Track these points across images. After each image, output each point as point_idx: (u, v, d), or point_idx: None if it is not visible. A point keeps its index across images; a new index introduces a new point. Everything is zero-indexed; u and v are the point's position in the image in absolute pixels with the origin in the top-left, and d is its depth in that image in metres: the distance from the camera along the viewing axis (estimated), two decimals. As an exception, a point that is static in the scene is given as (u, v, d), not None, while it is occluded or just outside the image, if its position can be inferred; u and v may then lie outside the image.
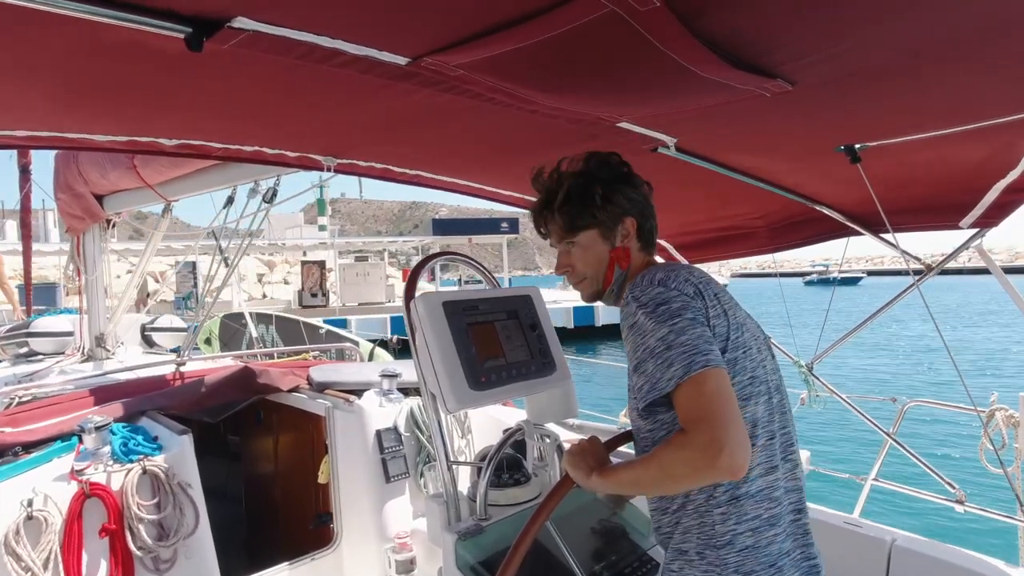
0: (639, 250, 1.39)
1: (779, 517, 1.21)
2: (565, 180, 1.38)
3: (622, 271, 1.38)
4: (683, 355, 1.10)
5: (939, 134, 1.68)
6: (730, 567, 1.17)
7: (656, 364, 1.12)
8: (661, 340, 1.13)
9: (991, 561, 1.80)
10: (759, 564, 1.17)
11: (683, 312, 1.16)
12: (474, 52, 1.20)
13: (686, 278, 1.24)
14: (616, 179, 1.37)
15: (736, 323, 1.24)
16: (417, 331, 1.65)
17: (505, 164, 2.31)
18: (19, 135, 1.80)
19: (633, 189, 1.37)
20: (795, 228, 2.73)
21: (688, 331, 1.13)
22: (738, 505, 1.18)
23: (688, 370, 1.09)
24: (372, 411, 2.71)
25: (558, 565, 1.59)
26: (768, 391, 1.26)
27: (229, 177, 3.56)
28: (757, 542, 1.18)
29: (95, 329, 4.57)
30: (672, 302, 1.17)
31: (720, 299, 1.25)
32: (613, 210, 1.35)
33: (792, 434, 1.32)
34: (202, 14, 1.07)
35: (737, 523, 1.18)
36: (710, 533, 1.19)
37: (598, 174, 1.37)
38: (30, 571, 1.86)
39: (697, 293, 1.21)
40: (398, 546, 2.46)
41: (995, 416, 2.84)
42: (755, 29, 1.17)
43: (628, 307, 1.22)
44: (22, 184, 9.89)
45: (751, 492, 1.19)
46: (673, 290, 1.19)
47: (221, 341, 9.46)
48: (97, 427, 2.15)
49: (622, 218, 1.35)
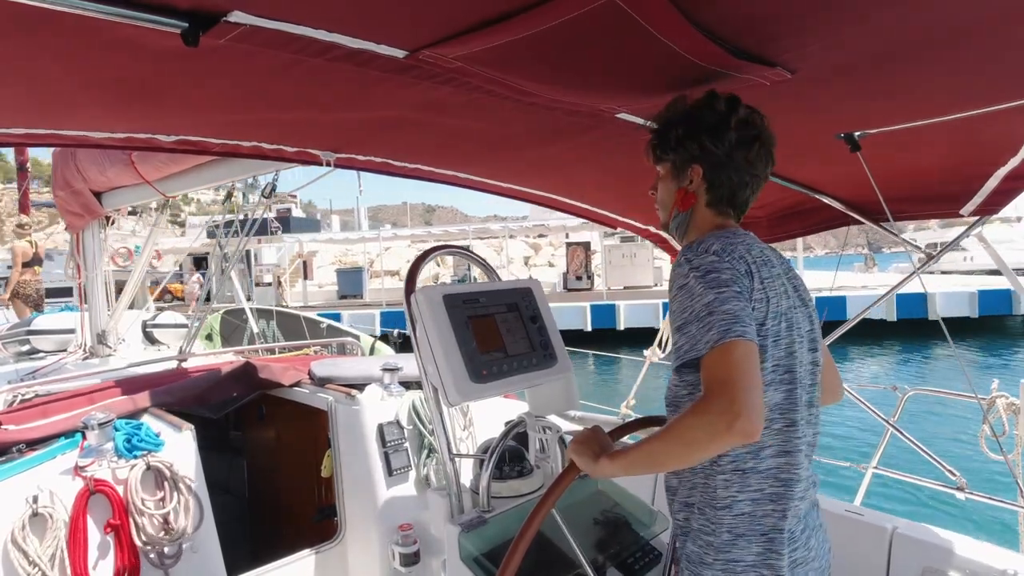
0: (707, 205, 1.37)
1: (782, 497, 1.25)
2: (665, 112, 1.41)
3: (681, 213, 1.39)
4: (722, 322, 1.13)
5: (939, 121, 1.68)
6: (723, 527, 1.25)
7: (699, 327, 1.16)
8: (706, 306, 1.16)
9: (992, 548, 1.81)
10: (750, 530, 1.24)
11: (731, 284, 1.18)
12: (472, 44, 1.20)
13: (741, 255, 1.24)
14: (700, 126, 1.34)
15: (776, 312, 1.25)
16: (418, 324, 1.65)
17: (504, 156, 2.30)
18: (16, 133, 1.79)
19: (716, 140, 1.33)
20: (795, 217, 2.73)
21: (731, 302, 1.16)
22: (743, 476, 1.24)
23: (723, 336, 1.12)
24: (374, 405, 2.71)
25: (562, 555, 1.60)
26: (791, 381, 1.27)
27: (228, 172, 3.55)
28: (754, 511, 1.24)
29: (97, 326, 4.58)
30: (722, 272, 1.19)
31: (768, 284, 1.25)
32: (683, 154, 1.37)
33: (815, 431, 1.35)
34: (198, 9, 1.06)
35: (739, 491, 1.24)
36: (712, 496, 1.26)
37: (692, 115, 1.36)
38: (37, 567, 1.87)
39: (748, 272, 1.23)
40: (402, 539, 2.47)
41: (996, 403, 2.84)
42: (755, 17, 1.17)
43: (680, 268, 1.24)
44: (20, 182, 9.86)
45: (759, 468, 1.24)
46: (726, 262, 1.21)
47: (222, 337, 9.48)
48: (100, 424, 2.16)
49: (690, 164, 1.36)
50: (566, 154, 2.19)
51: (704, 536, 1.26)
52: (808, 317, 1.37)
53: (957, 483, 2.54)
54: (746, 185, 1.36)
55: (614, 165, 2.32)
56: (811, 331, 1.36)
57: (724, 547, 1.24)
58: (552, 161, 2.30)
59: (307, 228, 29.58)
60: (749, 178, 1.35)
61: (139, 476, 2.12)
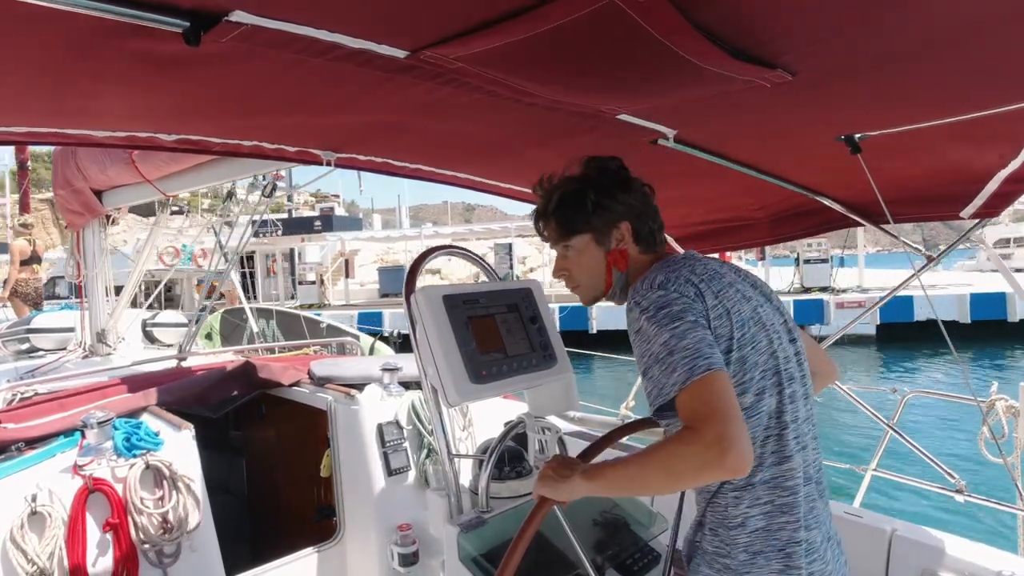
0: (640, 252, 1.39)
1: (792, 506, 1.22)
2: (560, 186, 1.41)
3: (620, 272, 1.39)
4: (685, 360, 1.10)
5: (940, 123, 1.68)
6: (739, 546, 1.21)
7: (661, 370, 1.13)
8: (664, 345, 1.13)
9: (991, 550, 1.81)
10: (768, 546, 1.20)
11: (684, 315, 1.16)
12: (473, 45, 1.20)
13: (687, 278, 1.23)
14: (611, 184, 1.37)
15: (741, 320, 1.22)
16: (418, 324, 1.65)
17: (505, 157, 2.30)
18: (18, 131, 1.80)
19: (629, 193, 1.37)
20: (795, 219, 2.73)
21: (689, 335, 1.13)
22: (751, 490, 1.21)
23: (690, 375, 1.09)
24: (373, 405, 2.71)
25: (560, 555, 1.60)
26: (780, 382, 1.25)
27: (228, 172, 3.55)
28: (769, 525, 1.20)
29: (96, 325, 4.58)
30: (673, 305, 1.17)
31: (723, 297, 1.23)
32: (607, 216, 1.36)
33: (812, 423, 1.32)
34: (200, 8, 1.06)
35: (750, 507, 1.21)
36: (723, 514, 1.23)
37: (593, 179, 1.38)
38: (35, 565, 1.87)
39: (698, 294, 1.20)
40: (400, 539, 2.47)
41: (995, 406, 2.84)
42: (755, 18, 1.17)
43: (632, 313, 1.23)
44: (20, 180, 9.87)
45: (765, 479, 1.22)
46: (673, 292, 1.19)
47: (222, 336, 9.48)
48: (100, 422, 2.16)
49: (616, 223, 1.37)
50: (566, 155, 2.19)
51: (720, 559, 1.22)
52: (777, 310, 1.35)
53: (956, 485, 2.54)
54: (656, 218, 1.40)
55: None
56: (784, 323, 1.34)
57: (742, 568, 1.20)
58: (552, 162, 2.29)
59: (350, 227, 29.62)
60: (654, 211, 1.40)
61: (138, 475, 2.12)
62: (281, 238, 27.61)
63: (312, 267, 24.98)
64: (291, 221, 29.43)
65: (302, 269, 25.14)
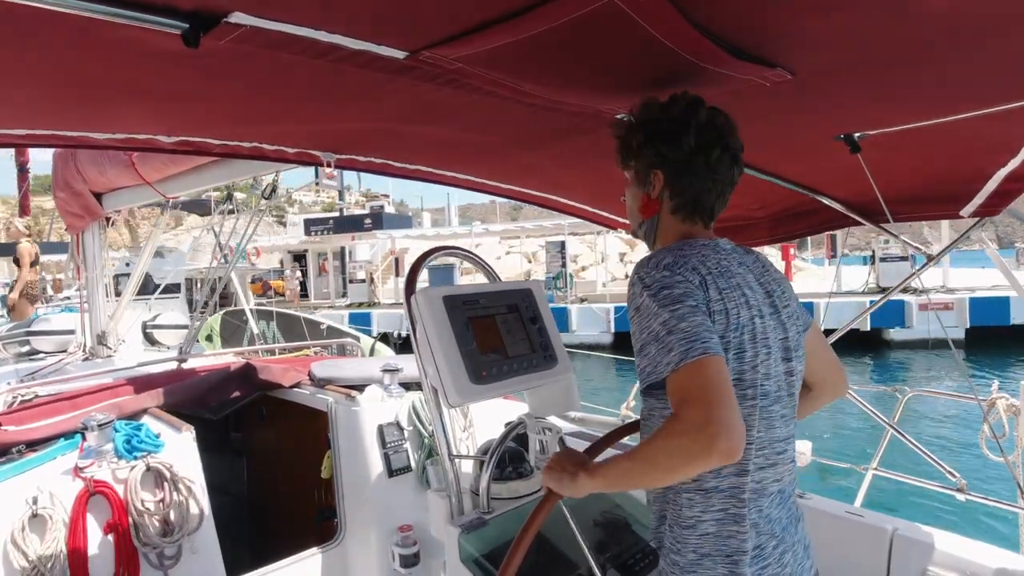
0: (672, 212, 1.35)
1: (744, 518, 1.21)
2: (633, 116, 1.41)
3: (644, 220, 1.39)
4: (682, 341, 1.10)
5: (939, 122, 1.68)
6: (689, 546, 1.22)
7: (657, 348, 1.13)
8: (663, 324, 1.13)
9: (992, 549, 1.80)
10: (715, 550, 1.20)
11: (685, 299, 1.15)
12: (473, 45, 1.20)
13: (694, 267, 1.21)
14: (659, 132, 1.33)
15: (736, 324, 1.21)
16: (418, 325, 1.65)
17: (504, 158, 2.30)
18: (17, 133, 1.80)
19: (673, 146, 1.30)
20: (795, 218, 2.73)
21: (689, 318, 1.12)
22: (705, 496, 1.21)
23: (685, 356, 1.08)
24: (374, 406, 2.71)
25: (562, 556, 1.59)
26: (756, 396, 1.22)
27: (228, 173, 3.55)
28: (719, 531, 1.21)
29: (96, 327, 4.58)
30: (675, 287, 1.16)
31: (726, 296, 1.21)
32: (644, 160, 1.37)
33: (787, 446, 1.30)
34: (199, 9, 1.06)
35: (703, 512, 1.22)
36: (677, 513, 1.24)
37: (650, 120, 1.35)
38: (36, 568, 1.87)
39: (702, 284, 1.19)
40: (401, 540, 2.46)
41: (996, 405, 2.84)
42: (755, 17, 1.17)
43: (634, 287, 1.22)
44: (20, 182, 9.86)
45: (720, 488, 1.21)
46: (678, 275, 1.18)
47: (222, 337, 9.49)
48: (100, 424, 2.16)
49: (651, 170, 1.35)
50: (566, 155, 2.19)
51: (672, 555, 1.24)
52: (782, 324, 1.30)
53: (957, 484, 2.54)
54: (709, 190, 1.32)
55: (614, 167, 2.32)
56: (785, 339, 1.30)
57: (689, 567, 1.21)
58: (552, 162, 2.30)
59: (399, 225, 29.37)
60: (712, 183, 1.32)
61: (139, 477, 2.12)
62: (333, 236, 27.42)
63: (362, 265, 25.00)
64: (342, 219, 29.40)
65: (352, 267, 25.20)
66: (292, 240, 30.58)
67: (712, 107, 1.33)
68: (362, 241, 26.91)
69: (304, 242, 29.07)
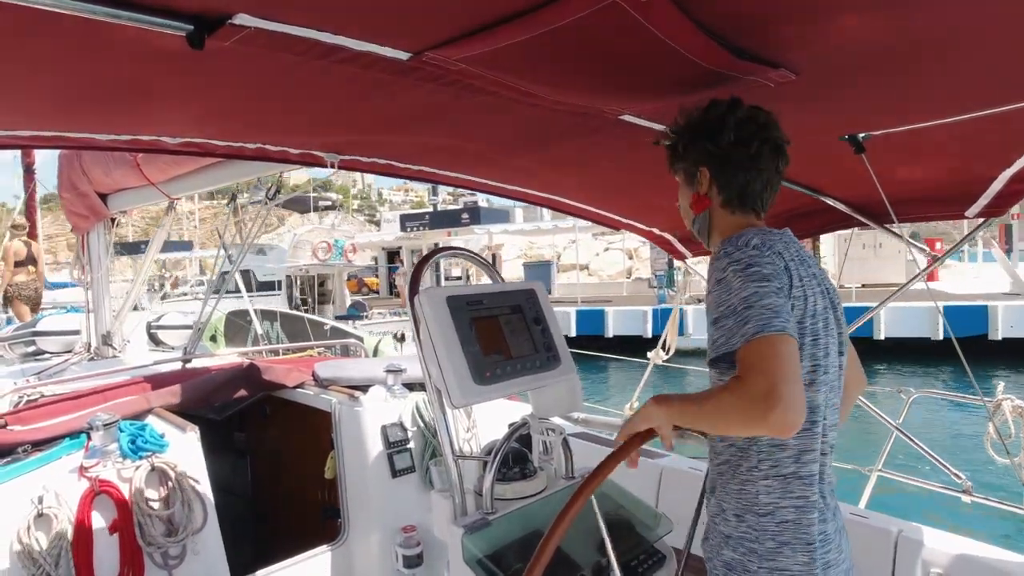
0: (722, 206, 1.39)
1: (815, 504, 1.26)
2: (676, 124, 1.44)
3: (696, 216, 1.42)
4: (761, 316, 1.12)
5: (944, 122, 1.67)
6: (768, 534, 1.23)
7: (735, 321, 1.15)
8: (744, 300, 1.15)
9: (997, 551, 1.80)
10: (795, 538, 1.23)
11: (771, 279, 1.17)
12: (475, 46, 1.20)
13: (780, 251, 1.25)
14: (702, 131, 1.37)
15: (812, 310, 1.25)
16: (422, 326, 1.65)
17: (507, 158, 2.30)
18: (23, 135, 1.80)
19: (715, 141, 1.35)
20: (800, 219, 2.72)
21: (770, 296, 1.15)
22: (785, 482, 1.24)
23: (761, 330, 1.11)
24: (378, 406, 2.72)
25: (564, 557, 1.59)
26: (828, 382, 1.28)
27: (232, 174, 3.56)
28: (799, 519, 1.23)
29: (102, 327, 4.60)
30: (764, 267, 1.19)
31: (806, 283, 1.25)
32: (690, 159, 1.41)
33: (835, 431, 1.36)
34: (203, 11, 1.07)
35: (781, 498, 1.24)
36: (753, 501, 1.25)
37: (694, 123, 1.39)
38: (42, 567, 1.88)
39: (786, 268, 1.22)
40: (405, 540, 2.47)
41: (1002, 406, 2.83)
42: (758, 19, 1.17)
43: (719, 261, 1.24)
44: (26, 184, 9.87)
45: (800, 474, 1.25)
46: (766, 256, 1.21)
47: (226, 338, 9.51)
48: (105, 424, 2.17)
49: (697, 167, 1.39)
50: (569, 156, 2.19)
51: (747, 543, 1.25)
52: (837, 320, 1.36)
53: (962, 486, 2.52)
54: (754, 180, 1.36)
55: (618, 167, 2.32)
56: (840, 333, 1.36)
57: (769, 555, 1.23)
58: (555, 163, 2.30)
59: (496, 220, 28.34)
60: (755, 173, 1.36)
61: (143, 477, 2.13)
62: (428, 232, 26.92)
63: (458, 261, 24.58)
64: (437, 215, 28.89)
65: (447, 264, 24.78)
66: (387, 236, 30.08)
67: (753, 105, 1.36)
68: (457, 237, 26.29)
69: (399, 238, 28.57)
